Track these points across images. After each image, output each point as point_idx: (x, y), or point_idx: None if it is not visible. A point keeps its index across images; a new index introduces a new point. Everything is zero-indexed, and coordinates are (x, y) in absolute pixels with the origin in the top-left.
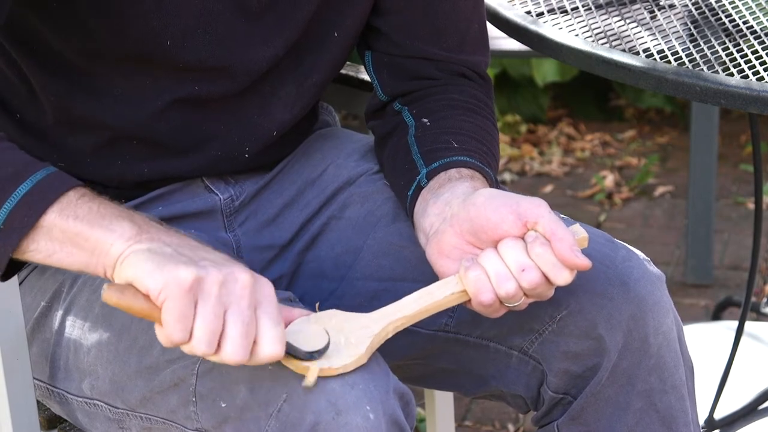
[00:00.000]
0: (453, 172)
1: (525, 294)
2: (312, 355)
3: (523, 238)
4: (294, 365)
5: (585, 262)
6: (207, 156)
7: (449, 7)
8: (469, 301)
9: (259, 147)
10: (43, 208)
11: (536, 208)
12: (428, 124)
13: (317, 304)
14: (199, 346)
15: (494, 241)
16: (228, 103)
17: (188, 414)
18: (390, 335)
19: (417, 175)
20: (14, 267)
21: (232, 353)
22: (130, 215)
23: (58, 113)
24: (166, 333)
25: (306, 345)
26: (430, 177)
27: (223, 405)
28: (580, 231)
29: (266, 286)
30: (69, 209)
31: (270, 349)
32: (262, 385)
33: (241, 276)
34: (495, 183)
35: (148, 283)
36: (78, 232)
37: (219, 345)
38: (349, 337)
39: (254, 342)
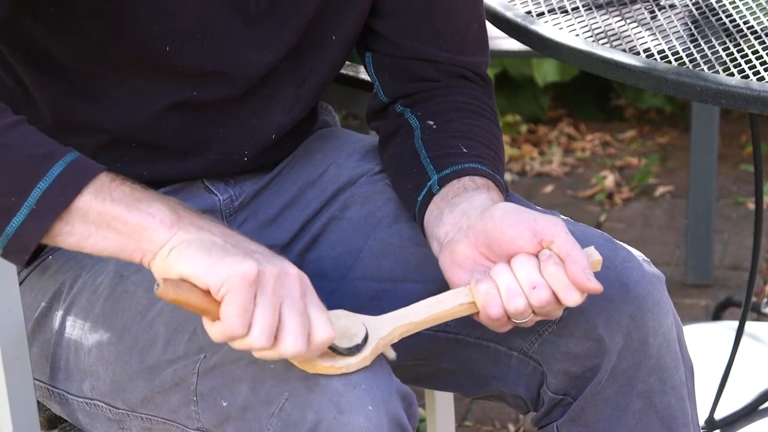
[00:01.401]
0: (466, 180)
1: (533, 311)
2: (351, 351)
3: (536, 256)
4: (298, 362)
5: (597, 286)
6: (206, 159)
7: (448, 8)
8: (478, 313)
9: (258, 149)
10: (78, 188)
11: (553, 227)
12: (434, 126)
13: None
14: (259, 339)
15: (508, 255)
16: (227, 106)
17: (189, 413)
18: (395, 340)
19: (428, 180)
20: (34, 254)
21: (293, 344)
22: (165, 199)
23: (57, 117)
24: (225, 327)
25: (342, 340)
26: (442, 184)
27: (225, 404)
28: (594, 254)
29: (306, 279)
30: (104, 191)
31: (324, 333)
32: (264, 384)
33: (291, 269)
34: (506, 190)
35: (209, 278)
36: (116, 215)
37: (276, 338)
38: (355, 338)
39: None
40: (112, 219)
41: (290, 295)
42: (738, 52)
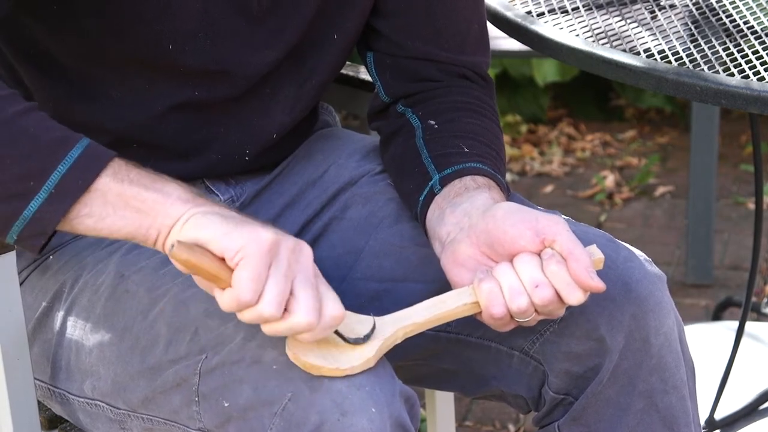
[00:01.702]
0: (468, 180)
1: (536, 310)
2: (358, 341)
3: (539, 255)
4: (302, 363)
5: (599, 285)
6: (207, 159)
7: (449, 8)
8: (480, 312)
9: (259, 149)
10: (97, 170)
11: (555, 226)
12: (436, 126)
13: None
14: (269, 307)
15: (510, 255)
16: (228, 106)
17: (191, 414)
18: (399, 341)
19: (429, 180)
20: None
21: (305, 316)
22: (178, 182)
23: (57, 117)
24: (238, 292)
25: (349, 332)
26: (443, 183)
27: (227, 404)
28: (596, 252)
29: (316, 267)
30: (122, 173)
31: (335, 309)
32: (267, 384)
33: (306, 247)
34: (507, 190)
35: (226, 243)
36: (134, 194)
37: (286, 309)
38: (363, 329)
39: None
40: (131, 198)
41: (304, 270)
42: (738, 52)
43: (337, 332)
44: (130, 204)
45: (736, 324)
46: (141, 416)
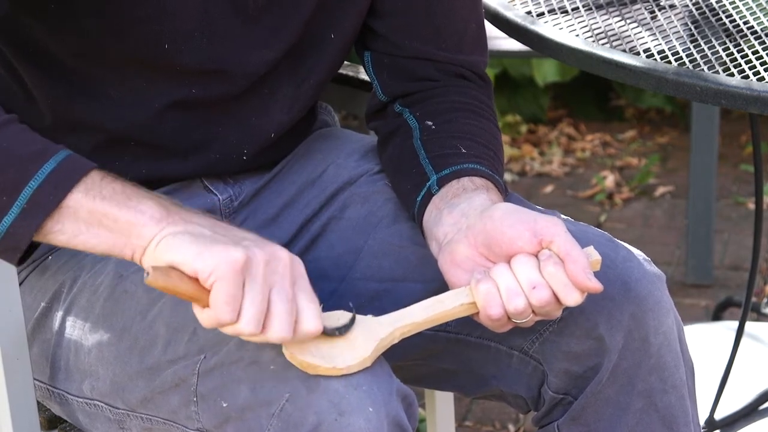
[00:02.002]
0: (466, 181)
1: (533, 311)
2: (339, 332)
3: (536, 256)
4: (298, 362)
5: (597, 286)
6: (205, 158)
7: (447, 8)
8: (478, 313)
9: (257, 148)
10: (68, 187)
11: (552, 227)
12: (433, 127)
13: (321, 306)
14: (247, 326)
15: (508, 255)
16: (226, 105)
17: (189, 414)
18: (396, 341)
19: (426, 180)
20: (28, 252)
21: (279, 331)
22: (155, 196)
23: (56, 116)
24: (215, 314)
25: (331, 323)
26: (441, 184)
27: (225, 405)
28: (594, 254)
29: (300, 264)
30: (94, 189)
31: (310, 324)
32: (264, 384)
33: (282, 254)
34: (505, 191)
35: (198, 265)
36: (106, 212)
37: (264, 324)
38: (356, 339)
39: (295, 321)
40: (103, 216)
41: (280, 281)
42: (738, 52)
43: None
44: (103, 223)
45: (736, 324)
46: (140, 416)
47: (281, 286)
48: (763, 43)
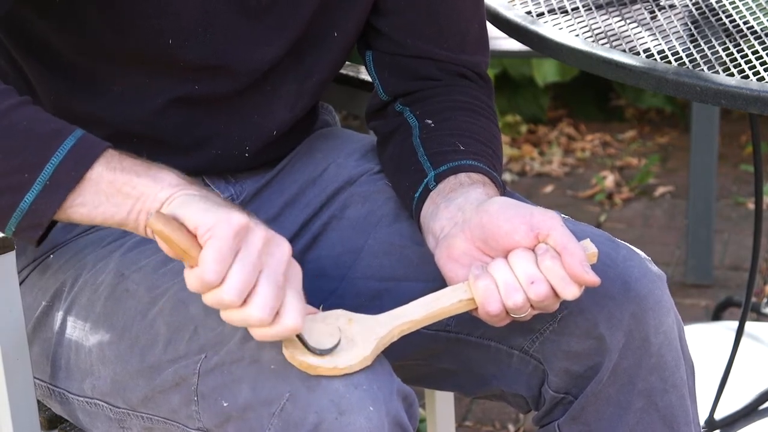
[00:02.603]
0: (463, 176)
1: (531, 306)
2: (320, 352)
3: (533, 250)
4: (298, 362)
5: (594, 279)
6: (207, 154)
7: (449, 8)
8: (476, 309)
9: (259, 146)
10: (90, 161)
11: (549, 221)
12: (433, 125)
13: (320, 306)
14: (229, 292)
15: (505, 250)
16: (229, 102)
17: (190, 413)
18: (396, 339)
19: (424, 177)
20: (44, 234)
21: (259, 309)
22: (175, 171)
23: (58, 111)
24: (201, 272)
25: (316, 342)
26: (438, 180)
27: (225, 404)
28: (590, 246)
29: (297, 266)
30: (114, 161)
31: (292, 319)
32: (265, 384)
33: (285, 244)
34: (503, 188)
35: (199, 219)
36: (126, 180)
37: (246, 300)
38: (355, 338)
39: (278, 313)
40: (123, 184)
41: (274, 265)
42: (738, 52)
43: (299, 336)
44: (122, 190)
45: (736, 324)
46: (140, 415)
47: (274, 270)
48: (763, 43)
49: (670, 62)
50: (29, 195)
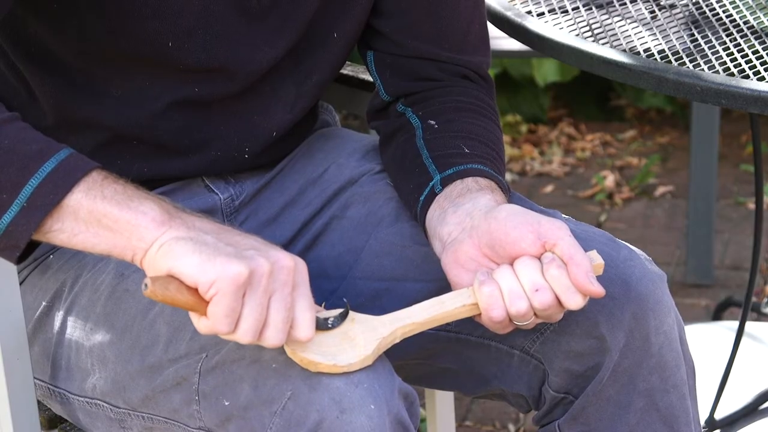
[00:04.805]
0: (470, 181)
1: (535, 314)
2: (332, 323)
3: (539, 258)
4: (299, 358)
5: (599, 290)
6: (207, 156)
7: (450, 8)
8: (479, 314)
9: (258, 147)
10: (68, 186)
11: (557, 230)
12: (436, 126)
13: (323, 305)
14: (244, 336)
15: (511, 257)
16: (228, 103)
17: (191, 413)
18: (397, 340)
19: (430, 180)
20: (28, 250)
21: (273, 339)
22: (156, 198)
23: (58, 114)
24: (212, 325)
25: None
26: (444, 184)
27: (227, 403)
28: (596, 258)
29: (303, 268)
30: (95, 189)
31: (303, 333)
32: (266, 383)
33: (286, 262)
34: (508, 191)
35: (199, 277)
36: (106, 212)
37: (259, 333)
38: (357, 337)
39: (291, 325)
40: (103, 216)
41: (281, 288)
42: (738, 52)
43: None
44: (102, 222)
45: (736, 324)
46: (141, 415)
47: (281, 293)
48: (764, 42)
49: (670, 62)
50: (6, 216)
